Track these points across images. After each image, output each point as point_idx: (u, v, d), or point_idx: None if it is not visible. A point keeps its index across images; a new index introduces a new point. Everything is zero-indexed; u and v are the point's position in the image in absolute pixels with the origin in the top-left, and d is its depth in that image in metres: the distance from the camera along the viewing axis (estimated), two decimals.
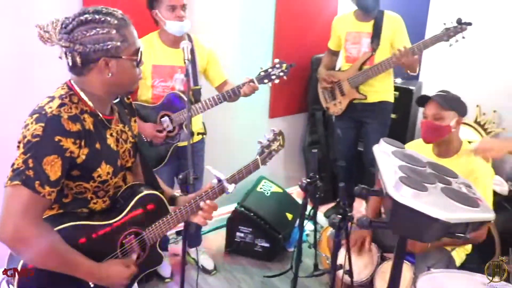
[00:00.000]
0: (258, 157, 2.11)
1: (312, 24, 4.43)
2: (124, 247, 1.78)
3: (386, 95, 3.87)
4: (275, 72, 2.93)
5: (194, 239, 3.50)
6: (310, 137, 4.75)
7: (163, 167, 3.09)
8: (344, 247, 2.35)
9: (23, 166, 1.46)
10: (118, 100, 1.82)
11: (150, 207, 1.85)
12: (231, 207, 3.85)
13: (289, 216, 3.91)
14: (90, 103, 1.63)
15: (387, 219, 1.50)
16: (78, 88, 1.63)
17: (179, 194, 2.03)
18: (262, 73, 2.94)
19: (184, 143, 2.98)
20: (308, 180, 2.48)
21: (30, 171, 1.45)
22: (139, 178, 1.96)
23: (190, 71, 2.26)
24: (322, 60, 4.13)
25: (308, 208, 2.66)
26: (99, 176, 1.66)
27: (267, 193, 3.98)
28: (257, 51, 4.13)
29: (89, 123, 1.61)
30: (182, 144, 3.05)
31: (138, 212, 1.81)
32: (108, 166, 1.68)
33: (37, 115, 1.51)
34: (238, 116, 4.10)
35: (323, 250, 3.15)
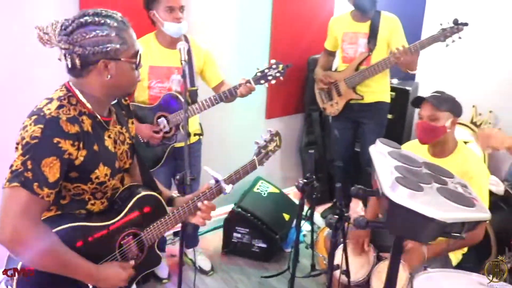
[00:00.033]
0: (255, 157, 2.12)
1: (308, 25, 4.43)
2: (122, 248, 1.78)
3: (382, 95, 3.88)
4: (271, 73, 2.93)
5: (191, 239, 3.50)
6: (307, 137, 4.75)
7: (160, 168, 3.09)
8: (341, 247, 2.36)
9: (21, 167, 1.46)
10: (115, 101, 1.82)
11: (146, 210, 1.85)
12: (228, 207, 3.85)
13: (286, 217, 3.91)
14: (88, 105, 1.64)
15: (384, 219, 1.51)
16: (76, 90, 1.63)
17: (176, 195, 2.03)
18: (259, 73, 2.95)
19: (181, 144, 2.98)
20: (305, 181, 2.48)
21: (29, 172, 1.46)
22: (137, 179, 1.96)
23: (187, 72, 2.27)
24: (318, 61, 4.12)
25: (305, 208, 2.67)
26: (97, 177, 1.66)
27: (264, 193, 3.99)
28: (253, 52, 4.14)
29: (87, 125, 1.62)
30: (179, 145, 3.04)
31: (135, 215, 1.82)
32: (106, 167, 1.68)
33: (35, 117, 1.51)
34: (234, 117, 4.10)
35: (320, 250, 3.16)
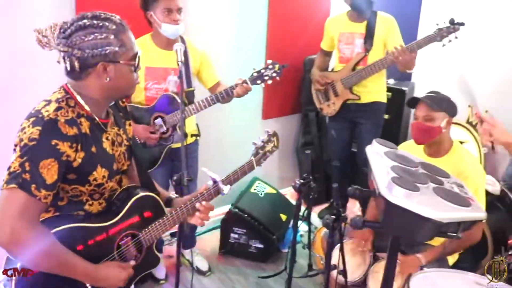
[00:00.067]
0: (253, 158, 2.13)
1: (304, 25, 4.44)
2: (121, 249, 1.79)
3: (379, 95, 3.89)
4: (268, 73, 2.94)
5: (188, 240, 3.50)
6: (304, 138, 4.76)
7: (157, 169, 3.09)
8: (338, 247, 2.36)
9: (19, 169, 1.46)
10: (113, 103, 1.82)
11: (147, 215, 1.87)
12: (225, 208, 3.85)
13: (283, 217, 3.91)
14: (86, 107, 1.64)
15: (380, 219, 1.52)
16: (74, 92, 1.63)
17: (175, 196, 2.04)
18: (255, 74, 2.95)
19: (178, 144, 2.98)
20: (302, 181, 2.48)
21: (27, 174, 1.46)
22: (134, 181, 1.96)
23: (183, 73, 2.27)
24: (315, 61, 4.12)
25: (302, 209, 2.67)
26: (95, 179, 1.66)
27: (261, 194, 3.99)
28: (250, 52, 4.14)
29: (85, 127, 1.62)
30: (176, 145, 3.05)
31: (135, 220, 1.83)
32: (103, 169, 1.69)
33: (34, 119, 1.51)
34: (231, 117, 4.11)
35: (317, 250, 3.17)
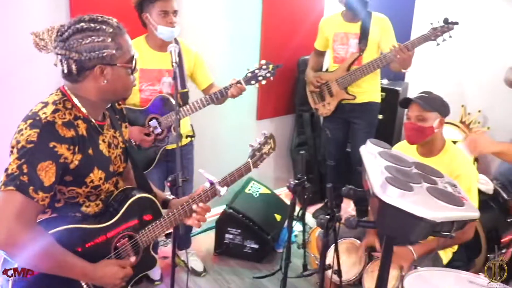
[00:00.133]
0: (250, 160, 2.13)
1: (298, 26, 4.46)
2: (118, 250, 1.79)
3: (373, 95, 3.90)
4: (262, 73, 2.95)
5: (183, 241, 3.50)
6: (298, 138, 4.77)
7: (152, 170, 3.08)
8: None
9: (17, 171, 1.46)
10: (109, 105, 1.83)
11: (144, 217, 1.87)
12: (220, 208, 3.85)
13: (277, 217, 3.92)
14: (83, 109, 1.65)
15: (374, 219, 1.53)
16: (71, 94, 1.64)
17: (171, 197, 2.05)
18: (249, 74, 2.96)
19: (173, 145, 2.99)
20: (296, 181, 2.50)
21: (25, 176, 1.46)
22: (131, 183, 1.97)
23: (177, 74, 2.27)
24: (308, 62, 4.13)
25: (297, 209, 2.68)
26: (92, 181, 1.67)
27: (256, 194, 3.99)
28: (244, 53, 4.15)
29: (82, 129, 1.63)
30: (171, 146, 3.05)
31: (133, 221, 1.83)
32: (100, 171, 1.69)
33: (31, 121, 1.52)
34: (226, 118, 4.11)
35: (312, 250, 3.18)
